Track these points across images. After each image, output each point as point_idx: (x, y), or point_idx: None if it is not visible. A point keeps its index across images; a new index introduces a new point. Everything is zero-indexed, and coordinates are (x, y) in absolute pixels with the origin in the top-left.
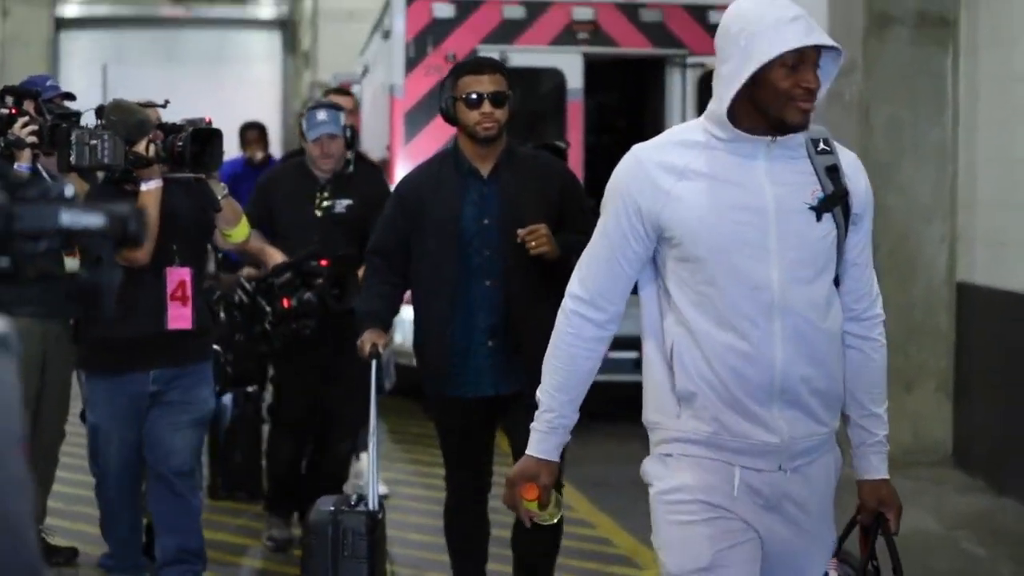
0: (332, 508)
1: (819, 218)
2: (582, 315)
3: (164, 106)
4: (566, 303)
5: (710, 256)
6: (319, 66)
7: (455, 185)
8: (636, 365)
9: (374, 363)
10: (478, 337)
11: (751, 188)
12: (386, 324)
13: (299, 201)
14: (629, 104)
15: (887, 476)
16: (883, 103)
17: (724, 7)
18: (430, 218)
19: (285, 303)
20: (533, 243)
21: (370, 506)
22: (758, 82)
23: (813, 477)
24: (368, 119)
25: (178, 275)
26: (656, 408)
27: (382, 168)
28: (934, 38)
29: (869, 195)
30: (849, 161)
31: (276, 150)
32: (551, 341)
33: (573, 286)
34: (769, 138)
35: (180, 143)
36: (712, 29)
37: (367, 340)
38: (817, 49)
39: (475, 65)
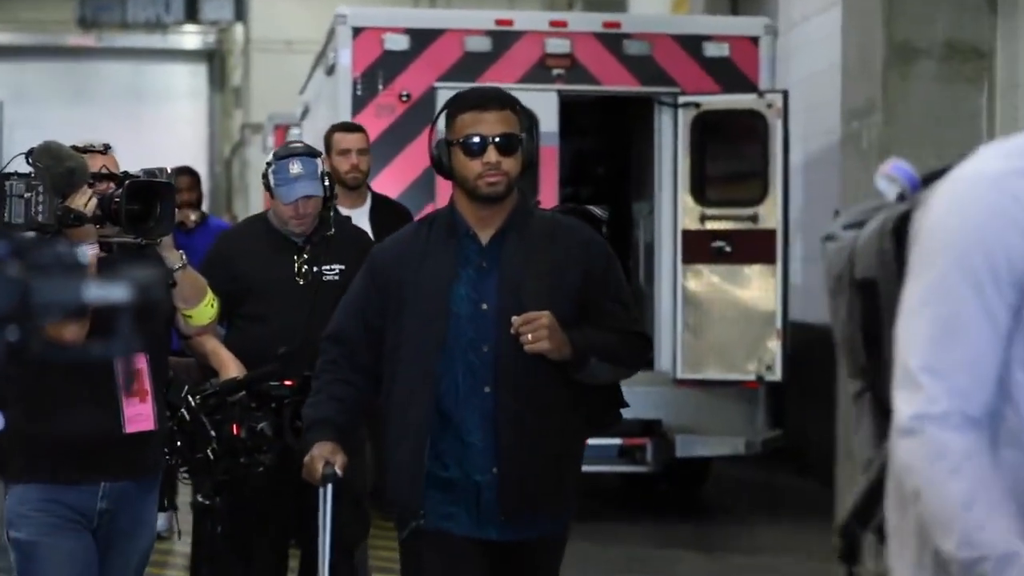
0: None
1: None
2: (979, 434)
3: (105, 151)
4: (950, 434)
5: None
6: (251, 105)
7: (447, 254)
8: (621, 453)
9: (328, 490)
10: (475, 462)
11: None
12: (344, 436)
13: (273, 267)
14: (611, 150)
15: None
16: (906, 149)
17: (721, 38)
18: (411, 298)
19: (235, 429)
20: (529, 336)
21: None
22: None
23: None
24: None
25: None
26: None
27: (408, 213)
28: (965, 73)
29: None
30: None
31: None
32: (947, 486)
33: (942, 399)
34: None
35: (117, 198)
36: (708, 63)
37: (318, 458)
38: None
39: (477, 98)
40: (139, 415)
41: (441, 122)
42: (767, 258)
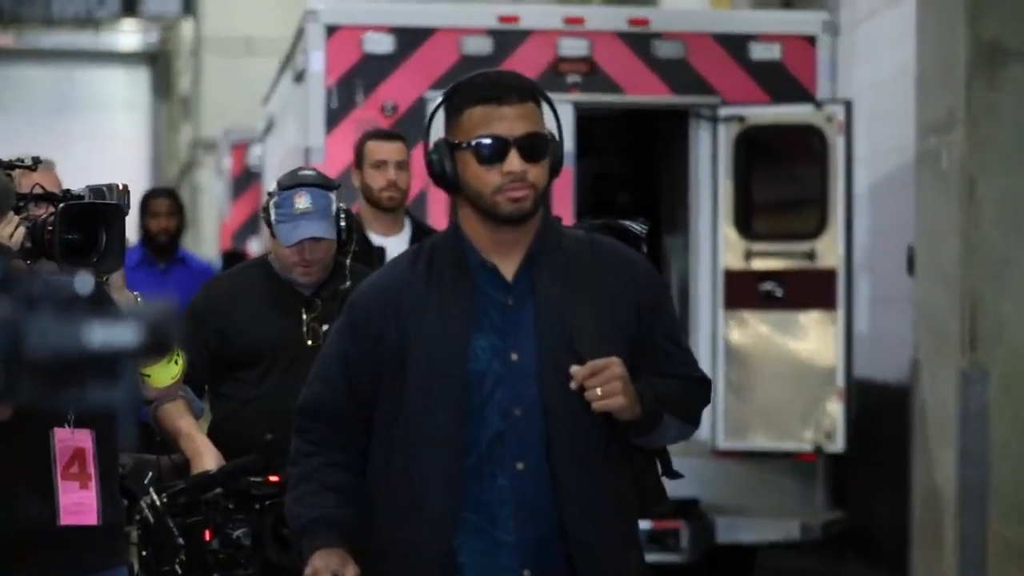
0: None
1: None
2: None
3: (35, 167)
4: None
5: None
6: (203, 118)
7: (458, 295)
8: (652, 539)
9: None
10: (502, 560)
11: None
12: (348, 536)
13: (272, 323)
14: (638, 173)
15: None
16: (994, 172)
17: (770, 37)
18: (412, 353)
19: (207, 536)
20: (599, 391)
21: None
22: None
23: None
24: None
25: (73, 440)
26: None
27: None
28: None
29: None
30: None
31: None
32: None
33: None
34: None
35: (50, 226)
36: (754, 67)
37: (322, 571)
38: None
39: (490, 87)
40: (79, 505)
41: (440, 119)
42: (826, 303)
